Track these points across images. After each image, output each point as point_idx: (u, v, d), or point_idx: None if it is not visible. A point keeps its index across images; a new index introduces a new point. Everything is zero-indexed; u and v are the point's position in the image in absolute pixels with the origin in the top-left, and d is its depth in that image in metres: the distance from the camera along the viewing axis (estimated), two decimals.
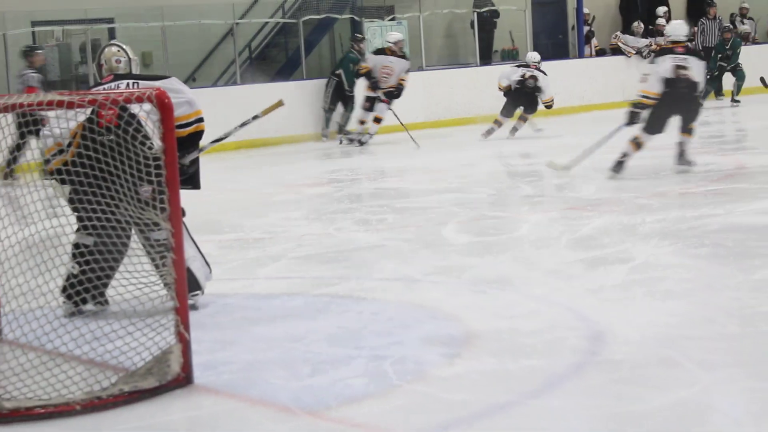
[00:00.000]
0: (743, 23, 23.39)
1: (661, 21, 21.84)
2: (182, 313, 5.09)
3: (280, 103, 7.30)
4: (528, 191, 11.01)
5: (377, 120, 16.41)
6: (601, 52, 21.80)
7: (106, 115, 6.15)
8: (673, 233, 8.31)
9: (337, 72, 17.39)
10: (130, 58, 6.81)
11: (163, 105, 5.14)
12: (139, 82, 6.54)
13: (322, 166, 14.67)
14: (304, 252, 8.46)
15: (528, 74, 16.60)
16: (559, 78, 19.91)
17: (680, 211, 9.15)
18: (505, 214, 9.93)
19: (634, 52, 21.06)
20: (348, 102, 17.29)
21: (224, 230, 9.43)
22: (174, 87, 6.42)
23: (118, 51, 6.82)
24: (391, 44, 16.43)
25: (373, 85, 16.12)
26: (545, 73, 16.65)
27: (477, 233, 8.93)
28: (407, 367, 5.27)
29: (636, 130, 10.96)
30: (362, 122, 16.58)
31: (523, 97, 16.60)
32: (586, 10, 21.61)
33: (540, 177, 12.03)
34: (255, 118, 7.24)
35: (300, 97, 17.37)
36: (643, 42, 21.24)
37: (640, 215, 9.07)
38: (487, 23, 20.65)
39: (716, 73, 19.68)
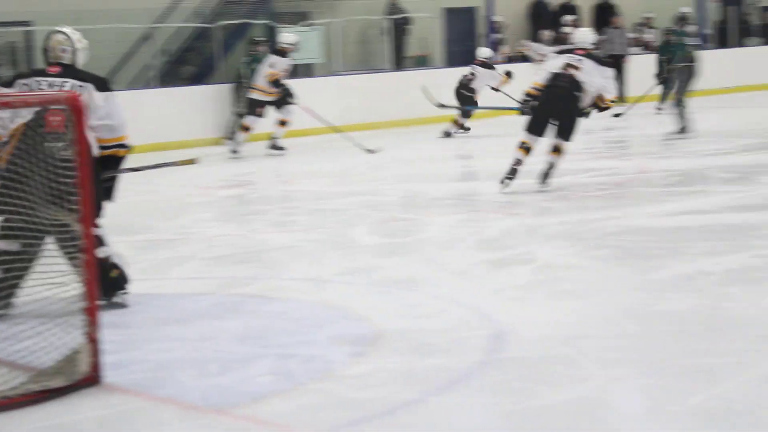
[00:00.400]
0: (649, 33, 23.67)
1: (567, 29, 22.02)
2: (92, 312, 5.05)
3: (193, 161, 7.26)
4: (437, 194, 11.05)
5: (283, 123, 15.61)
6: (510, 59, 21.92)
7: (54, 121, 6.11)
8: (574, 235, 8.41)
9: (244, 77, 17.08)
10: (75, 49, 6.66)
11: (75, 108, 5.10)
12: (85, 85, 6.43)
13: (235, 168, 14.56)
14: (216, 253, 8.42)
15: (469, 71, 16.89)
16: None
17: (581, 214, 9.25)
18: (413, 216, 9.96)
19: (542, 59, 21.22)
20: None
21: (136, 231, 9.34)
22: (105, 107, 6.37)
23: (65, 40, 6.65)
24: (288, 45, 15.66)
25: (285, 92, 15.46)
26: (491, 67, 16.84)
27: (386, 235, 8.96)
28: (315, 366, 5.28)
29: (522, 135, 10.77)
30: (247, 129, 15.59)
31: (462, 96, 16.86)
32: (497, 18, 21.75)
33: (449, 180, 12.09)
34: (169, 165, 7.16)
35: (215, 100, 17.29)
36: (550, 49, 21.38)
37: (543, 218, 9.17)
38: (399, 30, 20.71)
39: (667, 75, 19.09)
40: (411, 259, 7.89)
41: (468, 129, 17.11)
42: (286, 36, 16.00)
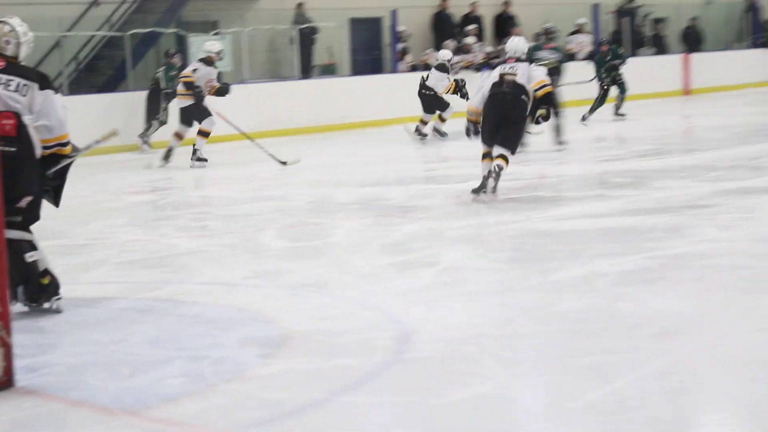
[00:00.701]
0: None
1: (469, 39, 22.22)
2: (4, 317, 4.99)
3: (114, 133, 7.16)
4: (344, 199, 11.07)
5: (180, 137, 14.93)
6: (414, 68, 22.04)
7: (6, 125, 6.05)
8: (477, 238, 8.48)
9: (163, 84, 16.88)
10: (19, 42, 6.41)
11: None
12: (29, 84, 6.30)
13: (147, 174, 14.43)
14: (128, 258, 8.35)
15: (426, 73, 16.99)
16: (375, 92, 20.16)
17: (484, 218, 9.33)
18: (322, 220, 9.96)
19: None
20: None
21: (48, 237, 9.12)
22: (44, 107, 6.28)
23: (10, 32, 6.41)
24: (213, 54, 14.92)
25: (222, 92, 14.85)
26: (443, 70, 16.84)
27: (294, 239, 8.95)
28: (225, 368, 5.27)
29: (481, 146, 10.41)
30: (207, 134, 14.79)
31: (423, 96, 16.94)
32: (402, 28, 21.85)
33: (356, 185, 12.11)
34: (97, 143, 7.06)
35: (126, 107, 17.12)
36: (454, 59, 21.53)
37: (447, 221, 9.22)
38: (307, 39, 20.72)
39: (606, 87, 18.69)
40: (319, 262, 7.90)
41: (425, 135, 17.05)
42: (211, 44, 15.28)
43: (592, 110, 18.50)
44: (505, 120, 10.23)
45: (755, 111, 20.76)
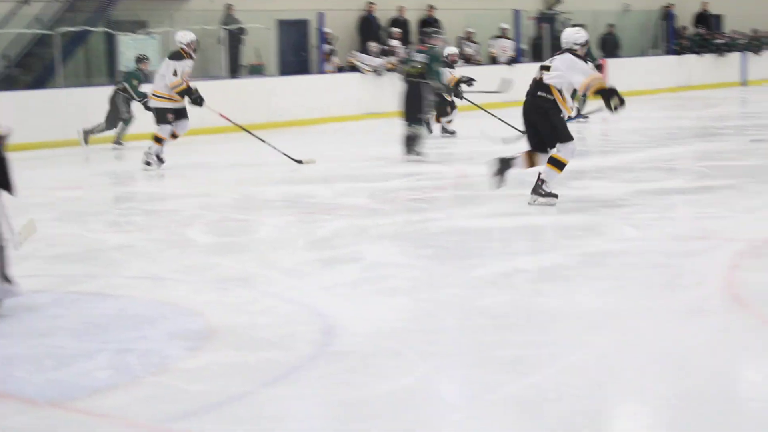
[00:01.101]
0: (468, 46, 24.07)
1: (394, 42, 22.26)
2: None
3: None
4: (270, 196, 11.01)
5: (175, 136, 13.86)
6: (340, 69, 22.04)
7: None
8: (400, 235, 8.47)
9: (121, 87, 16.49)
10: None
11: None
12: None
13: (77, 170, 14.26)
14: (55, 252, 8.22)
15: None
16: (302, 92, 20.12)
17: (408, 215, 9.34)
18: (247, 217, 9.88)
19: (370, 69, 21.38)
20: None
21: None
22: None
23: None
24: (185, 45, 13.73)
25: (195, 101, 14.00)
26: (450, 66, 16.49)
27: (220, 234, 8.89)
28: (151, 360, 5.22)
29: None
30: (160, 140, 13.61)
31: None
32: (328, 30, 21.82)
33: (282, 183, 12.05)
34: None
35: (56, 104, 16.90)
36: (378, 61, 21.58)
37: (371, 219, 9.20)
38: (235, 39, 20.63)
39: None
40: (244, 257, 7.84)
41: (453, 132, 16.91)
42: (182, 35, 13.95)
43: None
44: (534, 122, 9.70)
45: (670, 115, 21.05)
